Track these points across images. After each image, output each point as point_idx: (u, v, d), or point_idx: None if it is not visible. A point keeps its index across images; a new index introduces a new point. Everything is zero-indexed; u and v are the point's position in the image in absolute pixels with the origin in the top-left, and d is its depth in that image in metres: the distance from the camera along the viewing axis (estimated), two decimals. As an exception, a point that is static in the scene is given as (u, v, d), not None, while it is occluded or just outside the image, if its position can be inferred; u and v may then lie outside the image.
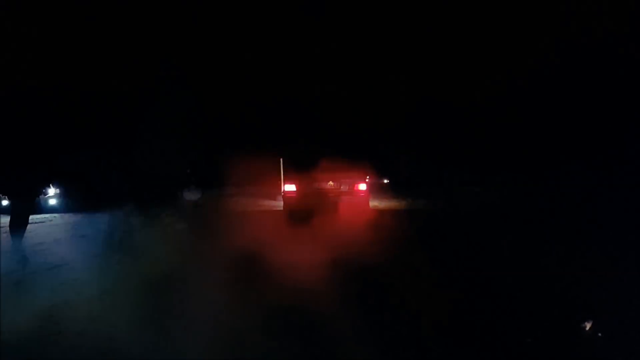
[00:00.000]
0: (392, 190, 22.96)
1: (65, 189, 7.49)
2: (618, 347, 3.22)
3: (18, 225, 6.20)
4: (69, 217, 9.98)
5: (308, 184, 10.20)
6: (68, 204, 10.19)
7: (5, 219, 6.61)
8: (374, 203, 14.04)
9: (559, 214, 11.22)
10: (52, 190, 10.52)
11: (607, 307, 3.84)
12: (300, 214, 9.34)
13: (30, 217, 6.60)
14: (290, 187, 10.34)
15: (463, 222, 10.66)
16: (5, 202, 7.97)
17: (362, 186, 10.44)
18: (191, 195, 4.92)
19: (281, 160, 12.53)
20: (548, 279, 5.02)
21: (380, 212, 11.98)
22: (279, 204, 11.59)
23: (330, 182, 10.26)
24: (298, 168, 10.48)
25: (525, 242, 7.34)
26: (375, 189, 22.28)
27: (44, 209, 11.10)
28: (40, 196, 8.07)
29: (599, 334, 3.30)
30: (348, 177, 10.35)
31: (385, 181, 27.59)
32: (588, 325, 3.37)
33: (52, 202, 11.76)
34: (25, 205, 6.37)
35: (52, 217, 10.77)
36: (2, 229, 7.53)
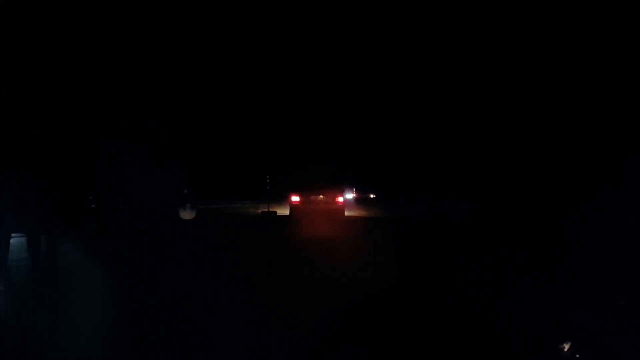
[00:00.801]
0: (376, 204, 23.54)
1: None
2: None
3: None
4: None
5: (307, 196, 14.53)
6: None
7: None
8: (354, 213, 18.24)
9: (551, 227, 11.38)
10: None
11: (587, 325, 3.84)
12: (301, 215, 13.97)
13: None
14: (295, 198, 14.68)
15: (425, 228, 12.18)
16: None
17: (340, 199, 14.88)
18: (186, 215, 4.82)
19: (267, 177, 18.48)
20: (529, 297, 5.02)
21: (352, 218, 16.28)
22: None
23: (321, 196, 14.51)
24: (300, 185, 14.83)
25: (505, 256, 7.38)
26: (361, 203, 23.35)
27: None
28: None
29: (577, 356, 3.31)
30: (331, 193, 14.63)
31: (372, 196, 27.85)
32: (566, 347, 3.38)
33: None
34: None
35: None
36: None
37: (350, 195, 27.33)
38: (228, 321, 4.27)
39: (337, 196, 14.61)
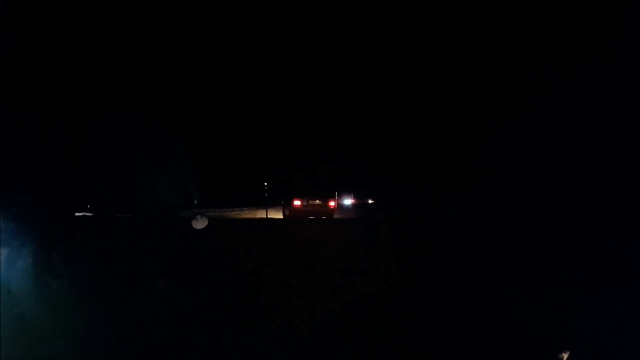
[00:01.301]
0: (375, 208, 24.00)
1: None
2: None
3: None
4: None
5: (305, 200, 17.89)
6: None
7: None
8: (352, 215, 21.07)
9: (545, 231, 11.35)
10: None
11: (587, 329, 3.79)
12: (300, 216, 17.40)
13: None
14: (297, 202, 17.89)
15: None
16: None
17: (332, 203, 18.31)
18: (199, 224, 4.74)
19: (266, 185, 20.69)
20: (528, 299, 4.97)
21: (348, 219, 18.98)
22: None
23: (317, 201, 17.86)
24: (300, 191, 18.12)
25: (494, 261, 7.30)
26: (359, 207, 23.96)
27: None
28: None
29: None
30: (324, 197, 17.98)
31: (370, 201, 27.81)
32: (565, 356, 3.36)
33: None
34: None
35: None
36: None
37: (348, 201, 27.50)
38: (228, 321, 4.30)
39: (330, 201, 18.19)
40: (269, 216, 20.24)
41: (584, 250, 7.39)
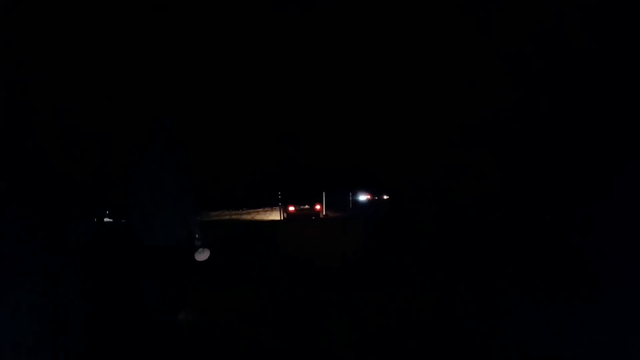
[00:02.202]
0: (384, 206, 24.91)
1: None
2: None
3: None
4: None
5: (298, 206, 23.40)
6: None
7: None
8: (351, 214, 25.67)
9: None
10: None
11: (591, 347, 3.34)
12: (294, 218, 22.92)
13: None
14: (291, 208, 23.51)
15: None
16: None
17: (318, 206, 23.83)
18: (201, 257, 4.80)
19: (279, 194, 25.33)
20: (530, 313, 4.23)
21: (328, 218, 24.29)
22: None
23: (307, 206, 23.42)
24: (294, 199, 23.61)
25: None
26: (372, 204, 25.01)
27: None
28: None
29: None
30: (312, 202, 23.56)
31: (385, 197, 28.07)
32: None
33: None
34: None
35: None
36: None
37: (364, 197, 28.05)
38: (229, 312, 4.51)
39: (316, 205, 23.64)
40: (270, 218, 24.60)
41: (589, 260, 6.58)
